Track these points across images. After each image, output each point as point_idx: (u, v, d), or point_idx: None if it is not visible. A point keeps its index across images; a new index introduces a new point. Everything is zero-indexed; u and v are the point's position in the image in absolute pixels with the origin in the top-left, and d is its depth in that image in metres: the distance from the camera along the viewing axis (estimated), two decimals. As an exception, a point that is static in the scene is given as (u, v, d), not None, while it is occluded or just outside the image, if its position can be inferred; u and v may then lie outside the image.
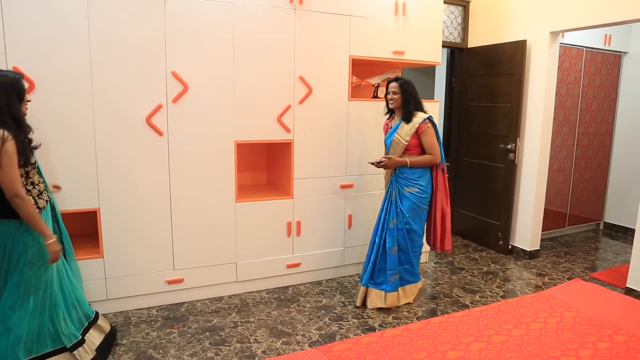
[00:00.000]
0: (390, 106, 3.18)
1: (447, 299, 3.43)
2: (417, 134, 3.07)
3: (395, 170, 3.17)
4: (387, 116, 3.33)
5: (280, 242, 3.47)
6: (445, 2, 4.33)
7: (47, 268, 2.20)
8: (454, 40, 4.68)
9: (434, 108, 3.86)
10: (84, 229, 3.29)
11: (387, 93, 3.18)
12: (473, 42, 4.69)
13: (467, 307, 3.28)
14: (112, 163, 2.91)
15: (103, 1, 2.73)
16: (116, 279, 3.05)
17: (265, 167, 3.92)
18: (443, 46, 4.28)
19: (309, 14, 3.27)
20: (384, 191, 3.30)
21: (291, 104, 3.31)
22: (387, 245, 3.16)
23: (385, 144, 3.26)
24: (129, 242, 3.04)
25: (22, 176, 2.09)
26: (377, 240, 3.21)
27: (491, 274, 3.95)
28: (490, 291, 3.59)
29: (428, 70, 5.66)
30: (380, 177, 3.66)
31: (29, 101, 2.23)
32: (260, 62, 3.17)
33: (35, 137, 2.56)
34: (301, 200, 3.47)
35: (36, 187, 2.19)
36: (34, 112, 2.71)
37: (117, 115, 2.87)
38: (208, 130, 3.10)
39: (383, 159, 3.08)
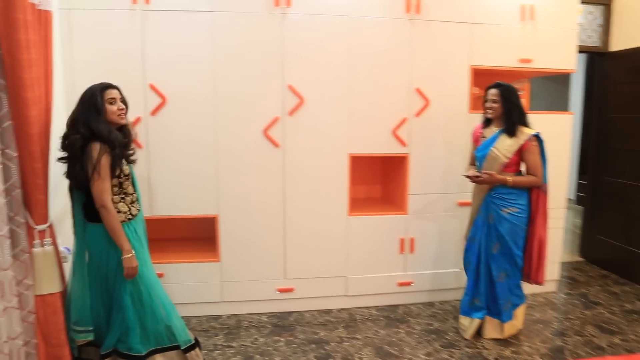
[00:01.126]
0: (488, 115, 2.86)
1: (578, 337, 3.01)
2: (520, 151, 2.75)
3: (489, 190, 2.85)
4: (480, 124, 3.01)
5: (392, 258, 3.36)
6: (583, 2, 3.91)
7: (143, 272, 2.25)
8: (592, 44, 4.20)
9: (567, 121, 3.48)
10: (204, 234, 3.51)
11: (485, 101, 2.87)
12: (617, 45, 4.15)
13: (603, 350, 2.84)
14: (232, 172, 3.07)
15: (225, 18, 2.94)
16: (231, 283, 3.19)
17: (379, 180, 3.86)
18: (579, 51, 3.86)
19: (426, 23, 3.16)
20: (471, 212, 3.02)
21: (407, 116, 3.21)
22: (493, 274, 2.86)
23: (476, 156, 2.94)
24: (244, 248, 3.17)
25: (115, 186, 2.18)
26: (481, 268, 2.91)
27: (636, 314, 3.39)
28: (635, 335, 3.06)
29: (561, 79, 5.15)
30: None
31: (122, 110, 2.20)
32: (375, 74, 3.13)
33: (163, 147, 2.80)
34: (416, 217, 3.33)
35: (129, 196, 2.27)
36: (166, 123, 2.97)
37: (237, 127, 3.03)
38: (322, 143, 3.13)
39: (483, 174, 2.77)
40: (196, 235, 3.58)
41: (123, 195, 2.24)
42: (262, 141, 3.06)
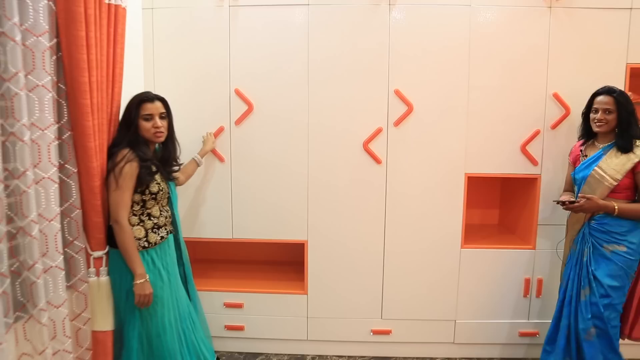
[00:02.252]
0: (597, 129, 2.22)
1: None
2: (634, 172, 2.12)
3: (590, 219, 2.21)
4: (580, 140, 2.38)
5: (513, 302, 2.73)
6: None
7: (157, 312, 1.92)
8: None
9: None
10: (289, 257, 3.11)
11: (591, 110, 2.25)
12: None
13: None
14: (325, 192, 2.62)
15: (322, 13, 2.51)
16: (318, 320, 2.74)
17: (496, 203, 3.22)
18: None
19: (569, 11, 2.51)
20: (564, 246, 2.41)
21: (540, 128, 2.58)
22: (579, 327, 2.19)
23: (574, 178, 2.31)
24: (335, 281, 2.70)
25: (137, 203, 1.89)
26: (563, 320, 2.28)
27: None
28: None
29: None
30: None
31: (158, 128, 1.92)
32: (501, 76, 2.54)
33: (248, 160, 2.41)
34: (545, 253, 2.67)
35: (152, 219, 1.95)
36: (252, 134, 2.60)
37: (332, 140, 2.58)
38: (433, 159, 2.59)
39: (580, 200, 2.16)
40: (281, 259, 3.19)
41: (144, 218, 1.92)
42: (361, 156, 2.58)
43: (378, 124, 2.55)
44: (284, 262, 3.17)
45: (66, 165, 1.68)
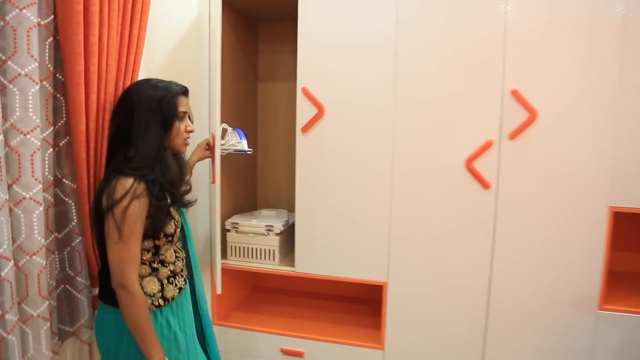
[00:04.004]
0: None
1: None
2: None
3: None
4: None
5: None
6: None
7: None
8: None
9: None
10: (363, 293, 2.55)
11: None
12: None
13: None
14: (412, 221, 2.03)
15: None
16: (397, 384, 2.15)
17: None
18: None
19: None
20: None
21: None
22: None
23: None
24: (421, 336, 2.09)
25: (147, 251, 1.37)
26: None
27: None
28: None
29: None
30: None
31: (190, 132, 1.47)
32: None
33: (312, 172, 1.91)
34: None
35: (168, 266, 1.45)
36: (320, 143, 2.09)
37: (424, 155, 1.99)
38: (563, 185, 1.89)
39: None
40: (353, 294, 2.65)
41: (157, 266, 1.41)
42: (462, 178, 1.96)
43: (487, 136, 1.91)
44: (357, 299, 2.62)
45: (64, 180, 1.27)
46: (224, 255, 2.36)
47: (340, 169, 2.08)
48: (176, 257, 1.49)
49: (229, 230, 2.32)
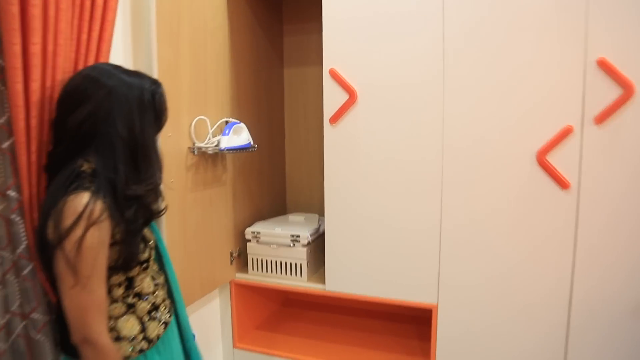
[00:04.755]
0: None
1: None
2: None
3: None
4: None
5: None
6: None
7: None
8: None
9: None
10: (409, 312, 2.17)
11: None
12: None
13: None
14: (466, 231, 1.64)
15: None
16: None
17: None
18: None
19: None
20: None
21: None
22: None
23: None
24: (479, 372, 1.70)
25: (119, 285, 1.06)
26: None
27: None
28: None
29: None
30: None
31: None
32: None
33: (343, 171, 1.57)
34: None
35: (145, 298, 1.12)
36: (352, 134, 1.74)
37: (481, 148, 1.58)
38: (668, 183, 1.45)
39: None
40: (395, 310, 2.28)
41: (133, 301, 1.09)
42: (532, 175, 1.54)
43: (565, 121, 1.49)
44: (400, 317, 2.26)
45: (8, 192, 0.98)
46: (244, 268, 2.05)
47: (377, 167, 1.72)
48: (155, 285, 1.17)
49: (249, 241, 2.00)
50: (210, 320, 2.02)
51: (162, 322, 1.16)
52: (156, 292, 1.16)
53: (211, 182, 1.85)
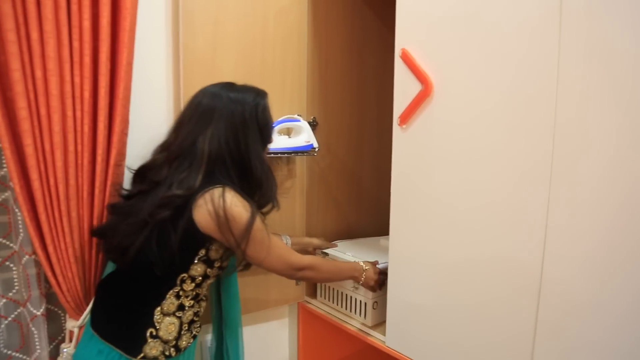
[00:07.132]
0: None
1: None
2: None
3: None
4: None
5: None
6: None
7: None
8: None
9: None
10: None
11: None
12: None
13: None
14: (577, 276, 0.98)
15: None
16: None
17: None
18: None
19: None
20: None
21: None
22: None
23: None
24: None
25: (192, 280, 1.14)
26: None
27: None
28: None
29: None
30: None
31: None
32: None
33: (407, 194, 1.25)
34: None
35: (197, 306, 1.20)
36: (426, 142, 1.26)
37: (608, 159, 0.91)
38: None
39: None
40: None
41: (189, 303, 1.16)
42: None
43: None
44: None
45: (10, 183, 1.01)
46: (312, 292, 1.75)
47: (447, 174, 1.19)
48: (204, 295, 1.25)
49: (321, 260, 1.69)
50: (276, 338, 1.82)
51: (193, 334, 1.21)
52: (202, 303, 1.23)
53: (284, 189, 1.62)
